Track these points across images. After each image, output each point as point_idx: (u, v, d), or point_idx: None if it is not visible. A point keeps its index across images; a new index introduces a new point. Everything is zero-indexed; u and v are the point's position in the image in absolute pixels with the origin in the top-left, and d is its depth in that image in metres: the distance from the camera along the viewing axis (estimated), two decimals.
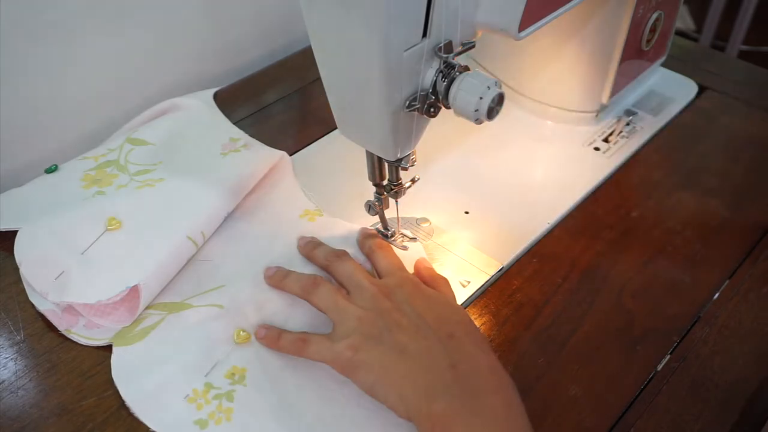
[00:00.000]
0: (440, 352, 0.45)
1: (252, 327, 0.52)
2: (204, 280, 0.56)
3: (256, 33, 0.83)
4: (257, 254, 0.58)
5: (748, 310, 0.55)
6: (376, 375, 0.45)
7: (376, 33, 0.42)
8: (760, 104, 0.75)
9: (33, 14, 0.63)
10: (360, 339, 0.46)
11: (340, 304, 0.49)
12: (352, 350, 0.46)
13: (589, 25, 0.64)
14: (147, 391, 0.49)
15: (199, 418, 0.47)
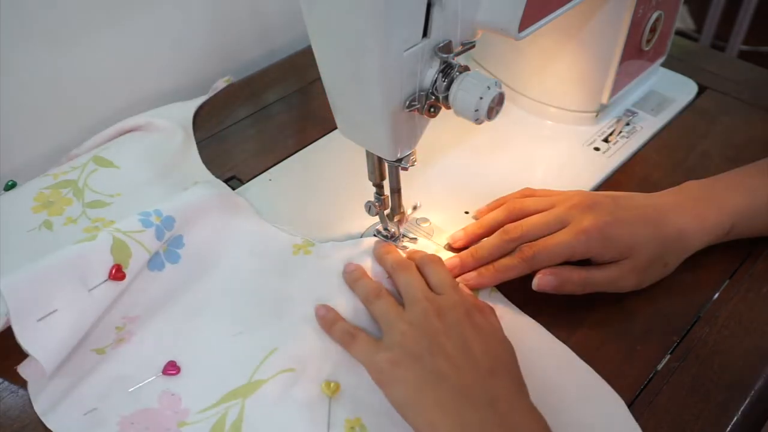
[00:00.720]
0: (480, 388, 0.44)
1: (332, 376, 0.50)
2: (252, 353, 0.51)
3: (256, 33, 0.83)
4: (282, 308, 0.55)
5: (748, 310, 0.55)
6: (409, 395, 0.44)
7: (376, 33, 0.42)
8: (760, 104, 0.75)
9: (32, 14, 0.63)
10: (401, 354, 0.46)
11: (392, 316, 0.49)
12: (390, 363, 0.46)
13: (589, 25, 0.64)
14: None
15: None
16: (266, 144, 0.71)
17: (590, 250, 0.52)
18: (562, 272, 0.53)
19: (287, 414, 0.48)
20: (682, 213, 0.55)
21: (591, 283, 0.53)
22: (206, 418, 0.48)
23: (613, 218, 0.53)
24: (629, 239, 0.52)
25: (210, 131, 0.72)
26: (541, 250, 0.53)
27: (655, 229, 0.53)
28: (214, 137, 0.72)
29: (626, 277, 0.53)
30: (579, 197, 0.55)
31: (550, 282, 0.52)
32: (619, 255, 0.52)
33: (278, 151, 0.70)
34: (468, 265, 0.55)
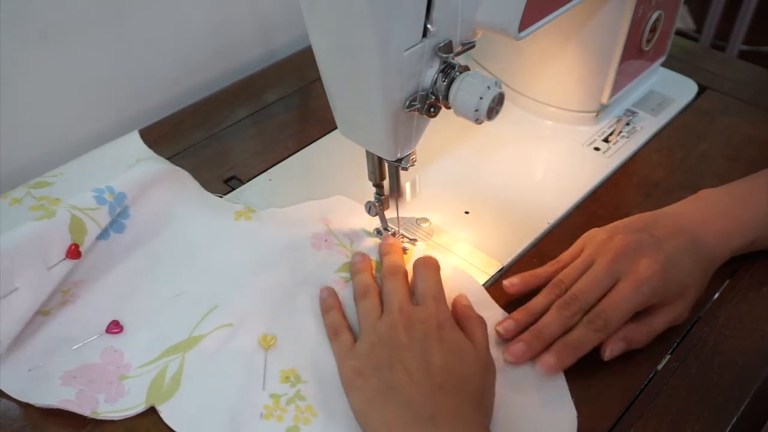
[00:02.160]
0: (424, 403, 0.44)
1: (269, 331, 0.53)
2: (193, 311, 0.54)
3: (256, 33, 0.83)
4: (223, 269, 0.57)
5: (748, 310, 0.55)
6: (362, 404, 0.46)
7: (376, 33, 0.42)
8: (760, 104, 0.75)
9: (30, 15, 0.63)
10: (365, 365, 0.48)
11: (367, 324, 0.51)
12: (354, 372, 0.48)
13: (589, 25, 0.64)
14: (225, 429, 0.47)
15: (288, 426, 0.47)
16: (266, 144, 0.71)
17: (654, 297, 0.50)
18: (628, 335, 0.50)
19: (225, 365, 0.51)
20: (709, 232, 0.53)
21: (654, 332, 0.51)
22: (147, 372, 0.50)
23: (665, 257, 0.50)
24: (685, 277, 0.51)
25: (210, 131, 0.72)
26: (612, 315, 0.49)
27: (697, 258, 0.52)
28: (214, 137, 0.72)
29: (683, 314, 0.52)
30: (619, 242, 0.52)
31: (621, 348, 0.50)
32: (676, 296, 0.51)
33: (278, 151, 0.70)
34: (535, 349, 0.50)
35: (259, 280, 0.56)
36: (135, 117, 0.75)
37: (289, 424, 0.48)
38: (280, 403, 0.49)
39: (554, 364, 0.49)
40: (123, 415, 0.48)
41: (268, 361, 0.51)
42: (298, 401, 0.49)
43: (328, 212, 0.62)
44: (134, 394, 0.49)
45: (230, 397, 0.49)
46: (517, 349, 0.50)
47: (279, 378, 0.50)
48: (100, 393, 0.49)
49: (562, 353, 0.49)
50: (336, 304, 0.54)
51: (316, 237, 0.59)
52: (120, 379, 0.50)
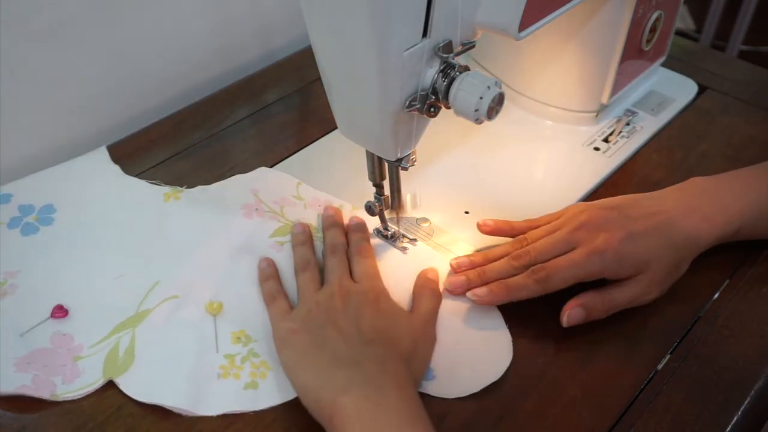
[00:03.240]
0: (353, 353, 0.47)
1: (215, 298, 0.55)
2: (136, 289, 0.56)
3: (256, 33, 0.83)
4: (159, 248, 0.59)
5: (748, 310, 0.55)
6: (293, 359, 0.49)
7: (376, 33, 0.42)
8: (760, 104, 0.75)
9: (30, 15, 0.63)
10: (300, 326, 0.50)
11: (306, 293, 0.53)
12: (288, 332, 0.50)
13: (589, 25, 0.64)
14: (185, 392, 0.49)
15: (246, 383, 0.50)
16: (266, 144, 0.71)
17: (605, 270, 0.52)
18: (586, 302, 0.51)
19: (176, 334, 0.53)
20: (690, 216, 0.54)
21: (615, 305, 0.52)
22: (100, 350, 0.52)
23: (625, 234, 0.52)
24: (644, 254, 0.52)
25: (210, 131, 0.72)
26: (555, 272, 0.51)
27: (667, 238, 0.53)
28: (214, 137, 0.72)
29: (648, 291, 0.52)
30: (586, 215, 0.54)
31: (579, 314, 0.51)
32: (636, 271, 0.52)
33: (278, 151, 0.70)
34: (473, 284, 0.54)
35: (197, 252, 0.59)
36: (135, 117, 0.75)
37: (246, 380, 0.50)
38: (235, 362, 0.51)
39: (484, 295, 0.53)
40: (82, 393, 0.50)
41: (218, 326, 0.54)
42: (252, 358, 0.52)
43: (255, 183, 0.65)
44: (90, 372, 0.51)
45: (186, 362, 0.51)
46: (456, 280, 0.54)
47: (231, 340, 0.53)
48: (56, 376, 0.50)
49: (495, 288, 0.53)
50: (273, 273, 0.56)
51: (247, 207, 0.62)
52: (74, 360, 0.51)
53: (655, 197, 0.56)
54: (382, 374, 0.45)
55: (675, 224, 0.53)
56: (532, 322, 0.54)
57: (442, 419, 0.48)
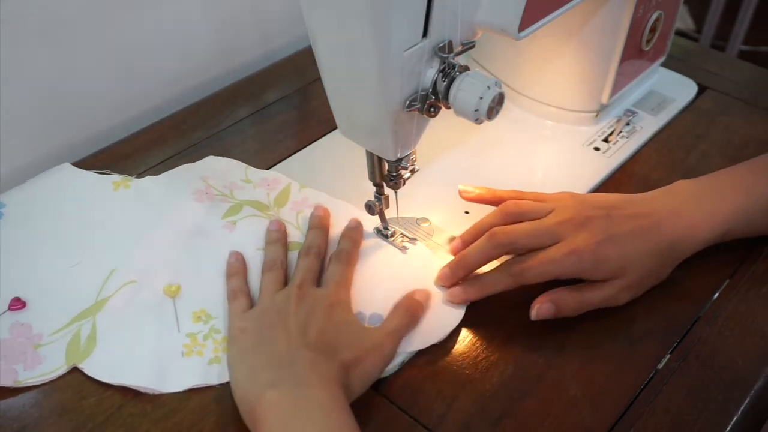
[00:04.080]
0: (290, 353, 0.47)
1: (173, 281, 0.56)
2: (93, 277, 0.56)
3: (256, 33, 0.83)
4: (113, 235, 0.60)
5: (748, 310, 0.55)
6: (234, 357, 0.49)
7: (376, 33, 0.42)
8: (760, 104, 0.75)
9: (30, 14, 0.63)
10: (251, 325, 0.50)
11: (265, 293, 0.53)
12: (239, 331, 0.51)
13: (589, 25, 0.64)
14: (150, 371, 0.50)
15: (210, 359, 0.51)
16: (266, 144, 0.71)
17: (581, 271, 0.52)
18: (557, 299, 0.52)
19: (137, 317, 0.54)
20: (675, 221, 0.54)
21: (587, 304, 0.52)
22: (61, 337, 0.52)
23: (606, 236, 0.52)
24: (621, 259, 0.52)
25: (210, 131, 0.72)
26: (531, 268, 0.52)
27: (647, 244, 0.52)
28: (214, 137, 0.72)
29: (620, 295, 0.53)
30: (572, 211, 0.54)
31: (549, 310, 0.52)
32: (611, 275, 0.52)
33: (278, 151, 0.70)
34: (459, 275, 0.55)
35: (151, 237, 0.59)
36: (135, 117, 0.75)
37: (209, 356, 0.51)
38: (197, 340, 0.52)
39: (459, 295, 0.54)
40: (45, 378, 0.50)
41: (178, 307, 0.55)
42: (214, 335, 0.53)
43: (205, 171, 0.66)
44: (52, 359, 0.51)
45: (149, 344, 0.52)
46: (444, 274, 0.55)
47: (191, 319, 0.54)
48: (17, 364, 0.51)
49: (469, 288, 0.54)
50: (240, 270, 0.56)
51: (198, 192, 0.63)
52: (35, 348, 0.52)
53: (642, 200, 0.56)
54: (311, 374, 0.45)
55: (659, 229, 0.53)
56: (533, 322, 0.54)
57: (442, 419, 0.48)
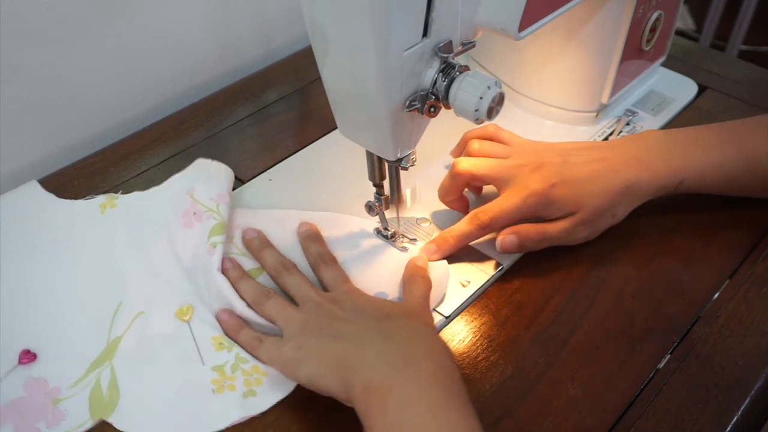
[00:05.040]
0: (373, 329, 0.46)
1: (183, 302, 0.54)
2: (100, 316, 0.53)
3: (256, 33, 0.83)
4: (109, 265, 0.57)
5: (748, 310, 0.55)
6: (314, 366, 0.45)
7: (376, 33, 0.42)
8: (760, 104, 0.75)
9: (30, 14, 0.63)
10: (303, 338, 0.47)
11: (287, 313, 0.50)
12: (295, 350, 0.47)
13: (589, 25, 0.64)
14: (184, 417, 0.47)
15: (244, 392, 0.48)
16: (266, 144, 0.71)
17: (537, 211, 0.56)
18: (520, 232, 0.56)
19: (156, 354, 0.50)
20: (633, 165, 0.56)
21: (548, 237, 0.56)
22: (81, 389, 0.49)
23: (559, 179, 0.55)
24: (573, 198, 0.55)
25: (210, 131, 0.72)
26: (496, 217, 0.56)
27: (601, 183, 0.56)
28: (214, 137, 0.72)
29: (577, 229, 0.56)
30: (532, 156, 0.57)
31: (513, 241, 0.56)
32: (566, 212, 0.56)
33: (278, 151, 0.70)
34: (443, 249, 0.57)
35: (150, 262, 0.56)
36: (135, 117, 0.75)
37: (243, 390, 0.48)
38: (226, 373, 0.49)
39: (433, 251, 0.57)
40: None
41: (195, 333, 0.51)
42: (241, 365, 0.50)
43: (191, 182, 0.61)
44: (75, 413, 0.48)
45: (175, 384, 0.49)
46: (429, 248, 0.58)
47: (213, 346, 0.51)
48: (39, 422, 0.47)
49: (442, 243, 0.57)
50: (242, 325, 0.52)
51: (186, 214, 0.59)
52: (54, 404, 0.48)
53: (604, 146, 0.59)
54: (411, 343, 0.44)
55: (613, 171, 0.56)
56: (533, 322, 0.54)
57: None
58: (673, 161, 0.57)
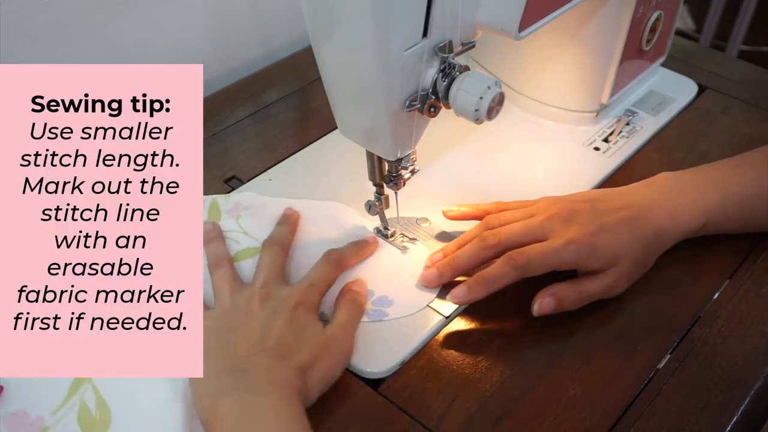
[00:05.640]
0: (240, 359, 0.46)
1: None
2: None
3: (256, 33, 0.83)
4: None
5: (748, 310, 0.55)
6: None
7: (376, 33, 0.42)
8: (760, 104, 0.75)
9: (30, 14, 0.63)
10: (213, 326, 0.49)
11: (222, 291, 0.52)
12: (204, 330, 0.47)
13: (589, 25, 0.64)
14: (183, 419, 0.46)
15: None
16: (266, 144, 0.71)
17: (578, 260, 0.52)
18: (558, 292, 0.52)
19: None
20: (657, 211, 0.55)
21: (588, 296, 0.53)
22: (66, 413, 0.47)
23: (596, 227, 0.52)
24: (614, 247, 0.52)
25: (210, 131, 0.72)
26: (534, 257, 0.51)
27: (635, 232, 0.53)
28: (214, 137, 0.72)
29: (617, 283, 0.53)
30: (557, 207, 0.54)
31: (550, 304, 0.52)
32: (607, 264, 0.52)
33: (278, 151, 0.70)
34: (446, 276, 0.55)
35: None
36: None
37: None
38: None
39: (464, 295, 0.52)
40: None
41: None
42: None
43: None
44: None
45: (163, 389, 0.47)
46: (428, 274, 0.55)
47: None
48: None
49: (474, 285, 0.52)
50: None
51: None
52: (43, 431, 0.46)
53: (623, 192, 0.57)
54: (265, 381, 0.45)
55: (642, 219, 0.54)
56: (533, 322, 0.54)
57: (442, 419, 0.48)
58: (693, 206, 0.56)
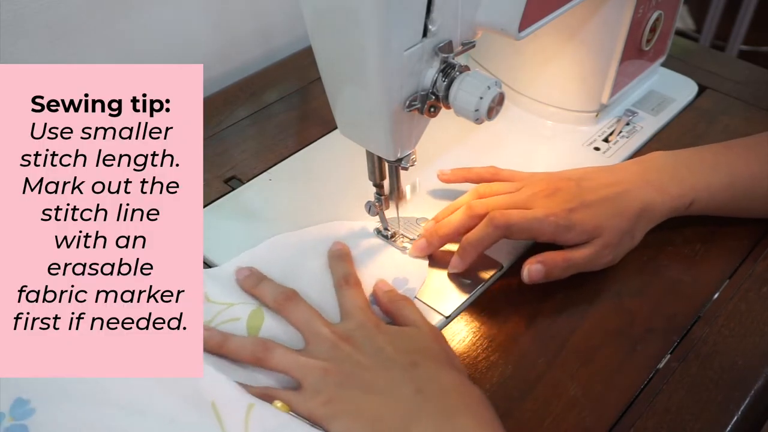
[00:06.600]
0: (404, 380, 0.44)
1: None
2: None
3: (256, 33, 0.83)
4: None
5: (748, 310, 0.55)
6: (350, 420, 0.43)
7: (376, 33, 0.42)
8: (760, 104, 0.75)
9: (30, 14, 0.63)
10: (330, 391, 0.45)
11: (301, 362, 0.47)
12: (324, 405, 0.44)
13: (589, 25, 0.64)
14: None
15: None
16: (266, 144, 0.71)
17: (556, 233, 0.54)
18: (546, 259, 0.54)
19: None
20: (645, 187, 0.56)
21: (573, 264, 0.54)
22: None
23: (578, 203, 0.54)
24: (594, 221, 0.54)
25: (210, 131, 0.72)
26: (515, 220, 0.53)
27: (619, 207, 0.55)
28: (214, 137, 0.72)
29: (602, 254, 0.55)
30: (544, 183, 0.57)
31: (539, 270, 0.53)
32: (588, 236, 0.54)
33: (278, 151, 0.70)
34: (435, 244, 0.57)
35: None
36: None
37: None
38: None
39: (459, 263, 0.55)
40: None
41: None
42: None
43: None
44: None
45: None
46: (419, 243, 0.57)
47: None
48: None
49: (462, 252, 0.55)
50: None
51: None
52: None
53: (614, 170, 0.58)
54: (445, 396, 0.43)
55: (629, 195, 0.55)
56: (533, 322, 0.54)
57: None
58: (683, 182, 0.57)
